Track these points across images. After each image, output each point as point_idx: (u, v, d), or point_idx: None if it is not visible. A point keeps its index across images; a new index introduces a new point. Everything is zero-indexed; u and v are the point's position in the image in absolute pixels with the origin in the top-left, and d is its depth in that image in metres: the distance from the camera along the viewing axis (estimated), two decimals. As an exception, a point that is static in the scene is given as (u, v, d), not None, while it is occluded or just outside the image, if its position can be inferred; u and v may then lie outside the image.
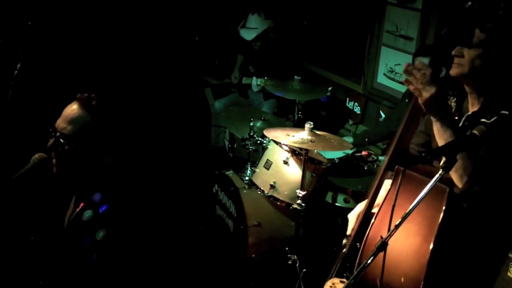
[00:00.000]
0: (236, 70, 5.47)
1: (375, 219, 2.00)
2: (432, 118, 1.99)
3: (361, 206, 2.26)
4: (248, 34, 5.15)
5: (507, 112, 1.91)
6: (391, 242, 1.69)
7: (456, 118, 2.15)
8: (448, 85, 2.22)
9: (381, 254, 1.68)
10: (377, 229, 1.97)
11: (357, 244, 2.07)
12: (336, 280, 2.09)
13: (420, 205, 1.68)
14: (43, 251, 2.15)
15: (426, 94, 1.93)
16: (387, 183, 2.16)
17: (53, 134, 1.97)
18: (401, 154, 2.12)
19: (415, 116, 2.09)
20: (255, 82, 5.15)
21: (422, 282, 1.77)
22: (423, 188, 1.69)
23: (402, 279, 1.81)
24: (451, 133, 1.94)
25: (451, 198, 1.87)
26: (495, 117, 1.92)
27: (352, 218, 2.24)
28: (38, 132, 2.06)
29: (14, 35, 3.95)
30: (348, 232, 2.25)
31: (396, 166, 2.05)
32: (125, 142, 2.05)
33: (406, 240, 1.83)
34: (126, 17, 5.58)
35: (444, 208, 1.85)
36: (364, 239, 2.00)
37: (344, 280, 2.07)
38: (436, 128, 1.98)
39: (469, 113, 2.11)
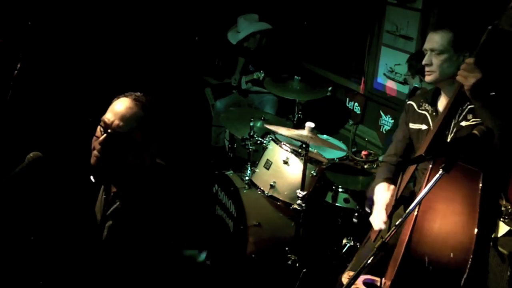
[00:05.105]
0: (237, 73, 5.47)
1: (418, 211, 2.11)
2: (475, 103, 2.20)
3: (385, 198, 2.49)
4: (233, 38, 5.22)
5: (494, 93, 2.19)
6: (430, 224, 1.97)
7: (433, 113, 2.43)
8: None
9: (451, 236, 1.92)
10: (422, 220, 2.09)
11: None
12: (352, 273, 2.20)
13: (458, 188, 1.97)
14: (43, 251, 2.15)
15: (471, 79, 2.13)
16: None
17: (104, 130, 1.95)
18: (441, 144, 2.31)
19: (460, 102, 2.31)
20: (244, 79, 5.21)
21: (472, 253, 1.96)
22: (466, 177, 1.95)
23: (451, 254, 1.99)
24: (493, 112, 2.15)
25: (486, 180, 2.06)
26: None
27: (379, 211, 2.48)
28: (37, 132, 2.06)
29: (14, 35, 3.95)
30: (377, 226, 2.44)
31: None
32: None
33: (451, 218, 2.04)
34: (126, 17, 5.58)
35: (480, 188, 2.05)
36: (409, 231, 2.08)
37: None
38: (481, 112, 2.19)
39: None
